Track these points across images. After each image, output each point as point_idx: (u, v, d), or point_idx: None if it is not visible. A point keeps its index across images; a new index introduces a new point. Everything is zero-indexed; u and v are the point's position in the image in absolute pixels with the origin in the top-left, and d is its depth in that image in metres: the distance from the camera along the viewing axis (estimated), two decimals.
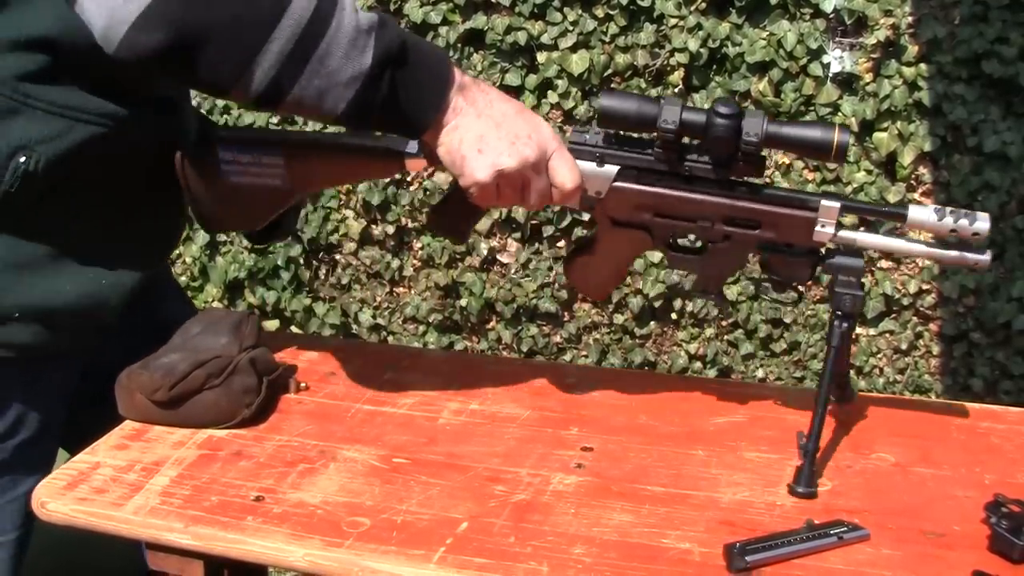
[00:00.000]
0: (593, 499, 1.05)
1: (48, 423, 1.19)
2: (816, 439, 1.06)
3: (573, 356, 2.85)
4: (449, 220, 1.19)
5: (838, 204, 1.10)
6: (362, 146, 1.17)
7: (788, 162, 2.63)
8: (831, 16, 2.52)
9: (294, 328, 2.96)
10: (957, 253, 1.10)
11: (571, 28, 2.63)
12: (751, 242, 1.13)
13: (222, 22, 0.93)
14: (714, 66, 2.61)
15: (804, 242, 1.11)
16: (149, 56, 0.93)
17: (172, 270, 2.19)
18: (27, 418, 1.17)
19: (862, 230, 1.15)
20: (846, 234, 1.11)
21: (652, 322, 2.80)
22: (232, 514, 1.02)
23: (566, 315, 2.84)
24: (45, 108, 1.05)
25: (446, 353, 2.58)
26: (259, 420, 1.20)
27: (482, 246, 2.81)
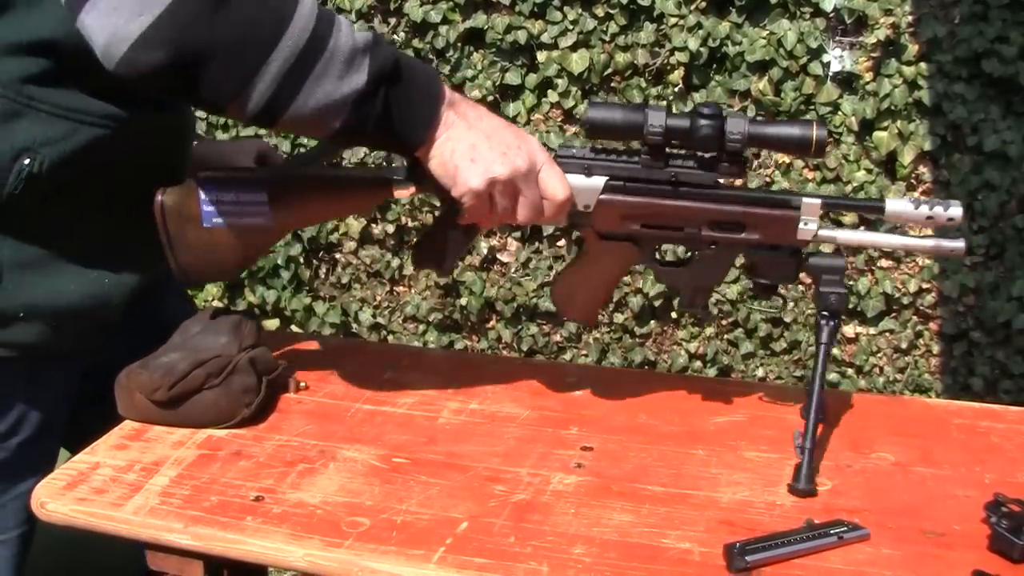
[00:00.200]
0: (593, 499, 1.05)
1: (50, 422, 1.20)
2: (812, 437, 1.06)
3: (573, 355, 2.85)
4: (435, 254, 1.18)
5: (819, 201, 1.12)
6: (348, 177, 1.17)
7: (788, 162, 2.63)
8: (831, 15, 2.51)
9: (294, 327, 2.96)
10: (934, 242, 1.12)
11: (571, 27, 2.63)
12: (737, 246, 1.14)
13: (222, 43, 0.94)
14: (714, 65, 2.61)
15: (789, 241, 1.13)
16: (149, 74, 0.94)
17: None
18: (29, 417, 1.17)
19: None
20: (827, 232, 1.13)
21: (652, 321, 2.80)
22: (232, 514, 1.02)
23: None
24: (48, 110, 1.05)
25: (446, 352, 2.58)
26: (259, 420, 1.20)
27: (482, 245, 2.81)
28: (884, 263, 2.65)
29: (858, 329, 2.70)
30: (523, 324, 2.86)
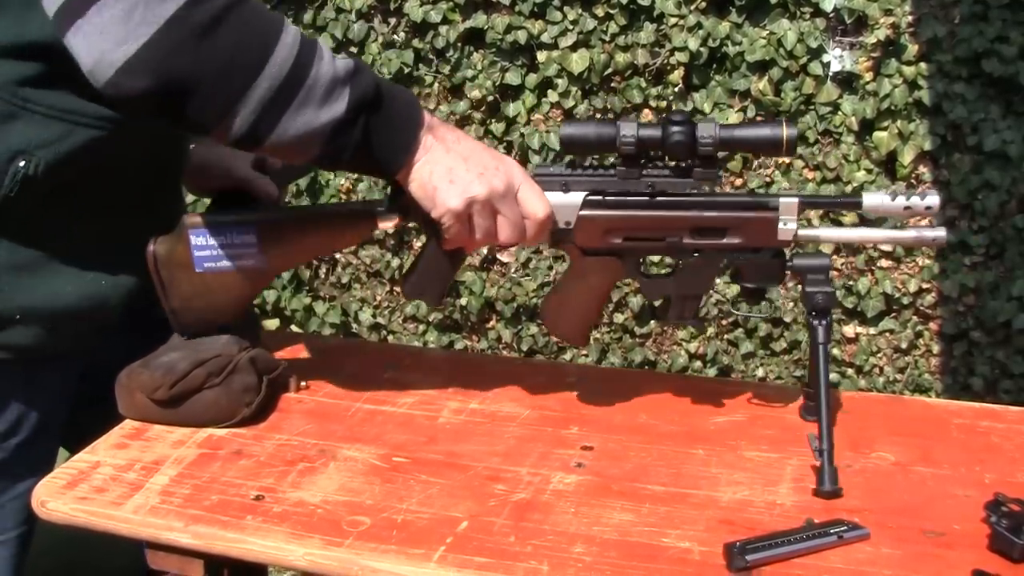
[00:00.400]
0: (593, 498, 1.05)
1: (48, 423, 1.20)
2: (829, 438, 1.07)
3: (573, 355, 2.85)
4: (422, 283, 1.19)
5: (796, 200, 1.12)
6: (335, 212, 1.20)
7: (788, 161, 2.63)
8: (831, 15, 2.52)
9: (294, 327, 2.96)
10: (915, 233, 1.14)
11: (571, 27, 2.63)
12: (720, 252, 1.15)
13: (207, 71, 0.95)
14: (714, 65, 2.61)
15: (770, 243, 1.14)
16: (135, 98, 0.95)
17: None
18: (27, 418, 1.18)
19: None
20: (807, 232, 1.14)
21: (652, 321, 2.80)
22: (232, 513, 1.02)
23: None
24: (44, 112, 1.05)
25: (446, 352, 2.58)
26: (259, 419, 1.20)
27: None
28: (884, 263, 2.65)
29: (858, 329, 2.70)
30: (523, 324, 2.86)
